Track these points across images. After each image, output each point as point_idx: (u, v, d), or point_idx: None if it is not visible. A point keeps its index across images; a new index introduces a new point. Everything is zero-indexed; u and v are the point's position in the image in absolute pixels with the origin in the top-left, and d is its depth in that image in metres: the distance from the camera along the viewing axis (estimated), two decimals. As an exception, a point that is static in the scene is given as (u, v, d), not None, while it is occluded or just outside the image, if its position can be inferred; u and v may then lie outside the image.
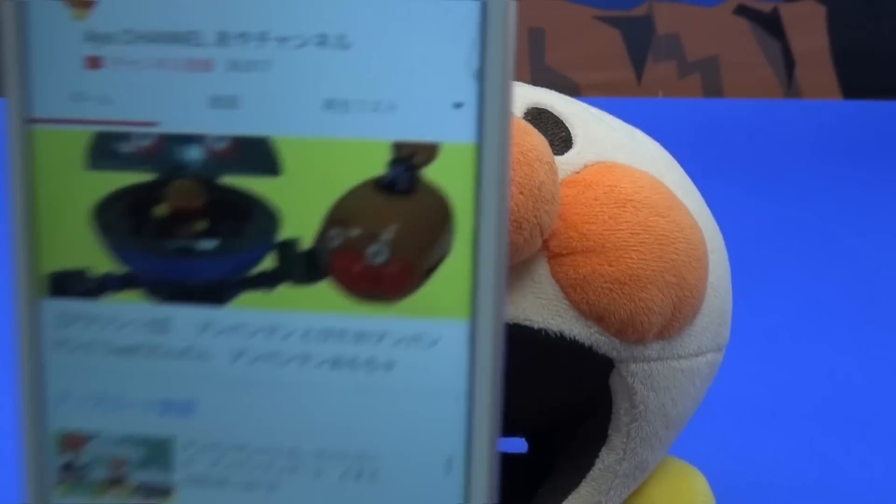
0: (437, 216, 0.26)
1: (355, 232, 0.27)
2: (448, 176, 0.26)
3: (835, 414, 0.54)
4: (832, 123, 0.99)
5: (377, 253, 0.27)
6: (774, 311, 0.65)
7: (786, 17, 1.06)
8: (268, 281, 0.27)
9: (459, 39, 0.27)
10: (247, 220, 0.28)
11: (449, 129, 0.26)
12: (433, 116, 0.26)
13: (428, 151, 0.26)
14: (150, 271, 0.28)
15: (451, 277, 0.26)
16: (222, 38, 0.28)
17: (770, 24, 1.05)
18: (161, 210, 0.28)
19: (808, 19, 1.06)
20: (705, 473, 0.39)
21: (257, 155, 0.28)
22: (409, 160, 0.26)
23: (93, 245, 0.29)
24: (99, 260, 0.28)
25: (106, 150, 0.28)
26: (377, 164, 0.26)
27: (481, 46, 0.26)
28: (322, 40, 0.28)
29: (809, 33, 1.06)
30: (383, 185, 0.26)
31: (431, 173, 0.26)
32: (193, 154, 0.28)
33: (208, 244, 0.28)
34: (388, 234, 0.27)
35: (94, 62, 0.28)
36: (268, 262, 0.27)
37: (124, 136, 0.28)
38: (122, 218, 0.29)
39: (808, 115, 0.99)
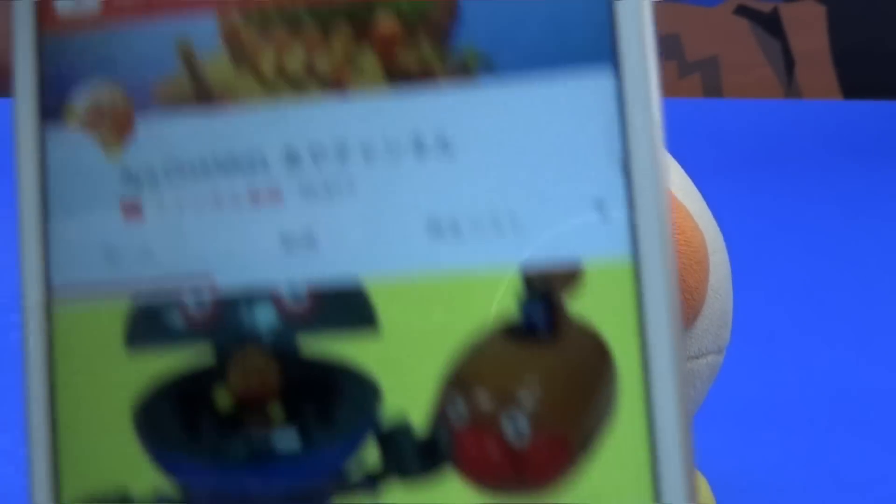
0: (593, 366, 0.21)
1: (484, 400, 0.21)
2: (600, 307, 0.21)
3: (836, 415, 0.54)
4: (832, 123, 0.99)
5: (516, 426, 0.21)
6: (775, 311, 0.65)
7: (786, 17, 1.06)
8: (369, 481, 0.22)
9: (595, 123, 0.22)
10: (337, 399, 0.23)
11: (593, 241, 0.21)
12: (571, 228, 0.22)
13: (569, 276, 0.21)
14: (212, 485, 0.23)
15: (620, 453, 0.21)
16: (291, 158, 0.24)
17: (770, 24, 1.05)
18: (223, 399, 0.23)
19: (808, 19, 1.07)
20: (705, 474, 0.40)
21: (346, 307, 0.23)
22: (547, 292, 0.21)
23: (134, 455, 0.24)
24: (142, 475, 0.23)
25: (149, 322, 0.24)
26: (504, 303, 0.22)
27: (623, 128, 0.22)
28: (419, 146, 0.23)
29: (809, 33, 1.06)
30: (516, 331, 0.21)
31: (578, 306, 0.21)
32: (262, 316, 0.23)
33: (287, 440, 0.23)
34: (529, 399, 0.21)
35: (132, 209, 0.24)
36: (368, 455, 0.22)
37: (172, 301, 0.24)
38: (171, 415, 0.24)
39: (808, 115, 1.00)
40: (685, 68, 1.01)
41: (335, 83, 0.24)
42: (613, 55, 0.22)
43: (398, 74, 0.23)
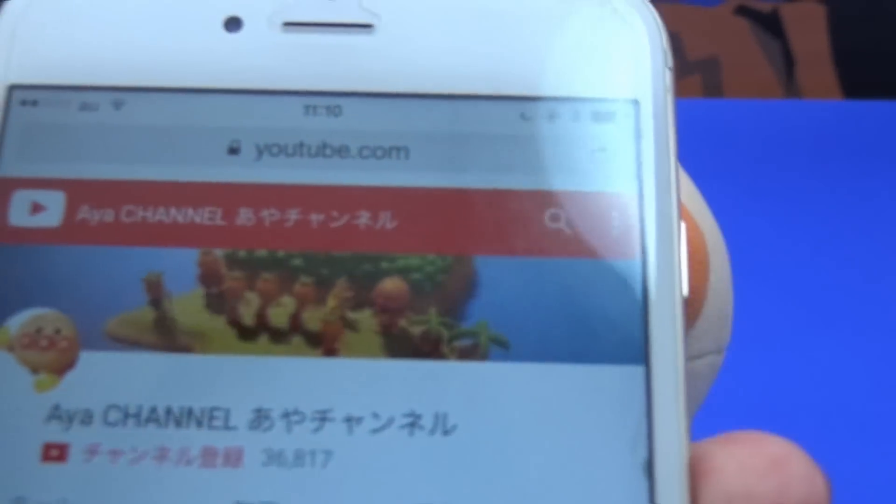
0: None
1: None
2: None
3: (837, 416, 0.55)
4: (832, 123, 0.99)
5: None
6: (775, 311, 0.66)
7: (786, 17, 1.07)
8: None
9: (618, 419, 0.22)
10: None
11: None
12: None
13: None
14: None
15: None
16: (260, 419, 0.22)
17: (770, 24, 1.06)
18: None
19: (808, 19, 1.07)
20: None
21: None
22: None
23: None
24: None
25: None
26: None
27: (650, 427, 0.22)
28: (413, 424, 0.22)
29: (809, 33, 1.07)
30: None
31: None
32: None
33: None
34: None
35: (54, 454, 0.21)
36: None
37: None
38: None
39: (808, 115, 1.00)
40: (685, 68, 1.02)
41: (324, 344, 0.22)
42: (645, 358, 0.21)
43: (398, 343, 0.22)
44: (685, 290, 0.22)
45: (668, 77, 0.23)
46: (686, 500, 0.20)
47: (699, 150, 0.80)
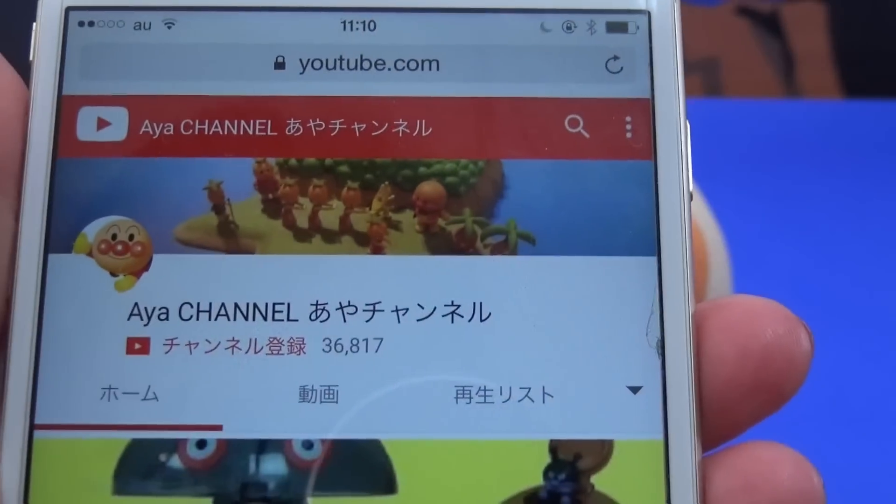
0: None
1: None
2: (626, 485, 0.22)
3: (838, 416, 0.56)
4: (832, 123, 1.01)
5: None
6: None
7: (786, 17, 1.08)
8: None
9: (634, 304, 0.24)
10: None
11: (624, 422, 0.23)
12: (602, 406, 0.23)
13: (597, 453, 0.22)
14: None
15: None
16: (318, 312, 0.24)
17: (770, 24, 1.07)
18: None
19: (808, 19, 1.09)
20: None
21: (363, 467, 0.23)
22: (573, 465, 0.22)
23: None
24: None
25: (142, 466, 0.23)
26: (529, 473, 0.22)
27: (661, 311, 0.24)
28: (453, 313, 0.24)
29: (809, 33, 1.08)
30: (540, 501, 0.22)
31: (602, 482, 0.22)
32: (270, 467, 0.23)
33: None
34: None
35: (138, 347, 0.24)
36: None
37: (170, 447, 0.23)
38: None
39: (808, 115, 1.02)
40: (685, 68, 1.03)
41: (371, 242, 0.25)
42: (657, 249, 0.24)
43: (437, 240, 0.25)
44: (691, 189, 0.25)
45: None
46: (692, 373, 0.23)
47: (699, 150, 0.81)
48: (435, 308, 0.24)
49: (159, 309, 0.24)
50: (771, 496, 0.22)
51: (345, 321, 0.24)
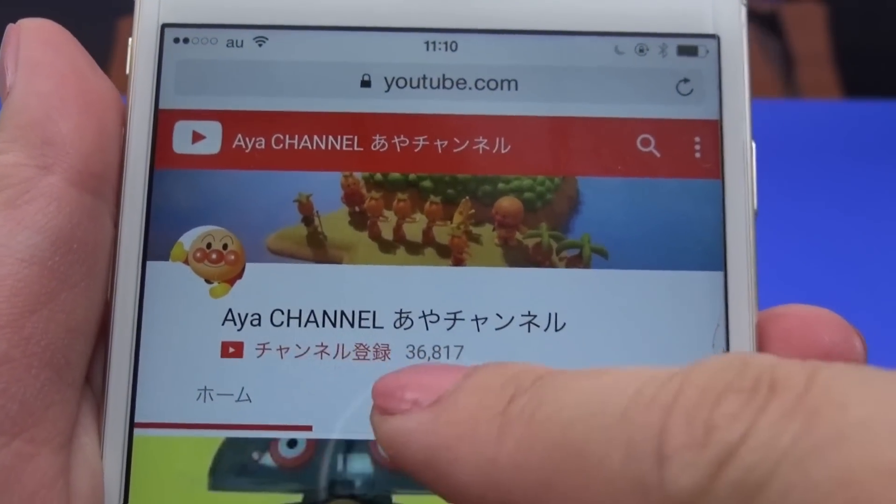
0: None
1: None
2: None
3: None
4: (832, 123, 1.02)
5: None
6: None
7: (786, 17, 1.10)
8: None
9: (700, 316, 0.26)
10: None
11: None
12: None
13: None
14: None
15: None
16: (402, 320, 0.26)
17: (770, 24, 1.09)
18: None
19: (808, 19, 1.10)
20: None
21: None
22: None
23: None
24: None
25: (236, 463, 0.25)
26: None
27: (727, 323, 0.26)
28: (529, 322, 0.26)
29: (809, 33, 1.10)
30: None
31: None
32: (358, 466, 0.25)
33: None
34: None
35: (232, 351, 0.25)
36: None
37: (262, 445, 0.25)
38: None
39: (808, 115, 1.03)
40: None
41: (453, 254, 0.26)
42: (723, 264, 0.26)
43: (515, 253, 0.26)
44: (755, 206, 0.27)
45: (744, 13, 0.28)
46: None
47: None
48: (512, 318, 0.26)
49: (252, 315, 0.26)
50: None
51: (427, 329, 0.26)
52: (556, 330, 0.26)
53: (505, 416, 0.19)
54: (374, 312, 0.26)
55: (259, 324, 0.25)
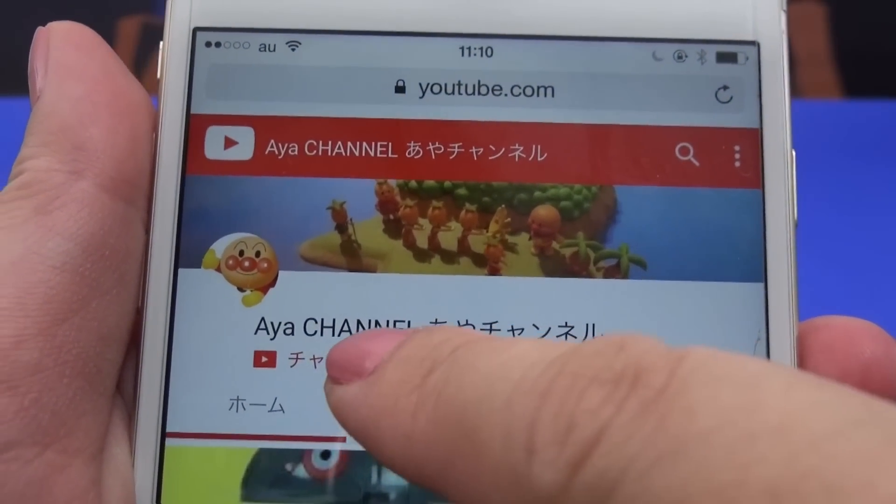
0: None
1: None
2: None
3: None
4: (832, 123, 1.03)
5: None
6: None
7: (786, 17, 1.09)
8: None
9: (741, 328, 0.26)
10: None
11: None
12: None
13: None
14: None
15: None
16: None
17: None
18: None
19: (808, 19, 1.10)
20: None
21: None
22: None
23: None
24: None
25: (269, 474, 0.25)
26: None
27: (767, 335, 0.25)
28: (566, 333, 0.26)
29: (809, 33, 1.10)
30: None
31: None
32: (391, 478, 0.25)
33: None
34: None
35: (265, 359, 0.25)
36: None
37: (295, 456, 0.25)
38: None
39: (808, 115, 1.03)
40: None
41: (488, 263, 0.26)
42: (764, 276, 0.26)
43: (552, 263, 0.26)
44: (796, 217, 0.26)
45: (783, 20, 0.28)
46: None
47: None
48: (549, 328, 0.26)
49: (285, 324, 0.25)
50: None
51: None
52: None
53: (420, 392, 0.19)
54: (409, 322, 0.25)
55: (292, 333, 0.25)
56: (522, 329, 0.25)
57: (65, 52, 0.26)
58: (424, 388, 0.19)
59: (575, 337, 0.25)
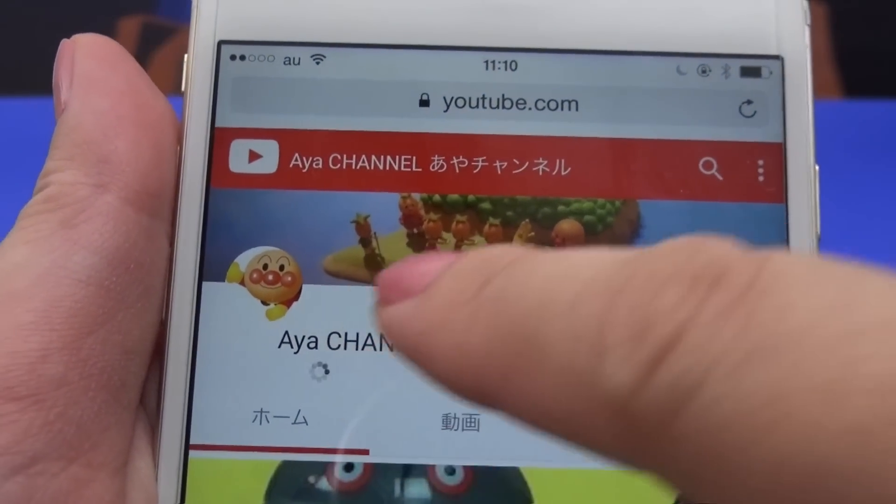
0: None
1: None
2: None
3: None
4: (832, 123, 1.03)
5: None
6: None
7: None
8: None
9: None
10: None
11: None
12: None
13: None
14: None
15: None
16: None
17: None
18: None
19: None
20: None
21: (503, 493, 0.24)
22: None
23: None
24: None
25: (292, 486, 0.25)
26: (661, 502, 0.23)
27: None
28: None
29: (810, 33, 1.09)
30: None
31: None
32: (415, 491, 0.25)
33: None
34: None
35: (289, 374, 0.25)
36: None
37: (319, 469, 0.25)
38: None
39: None
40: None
41: None
42: None
43: None
44: (819, 231, 0.26)
45: (807, 34, 0.28)
46: None
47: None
48: None
49: (309, 337, 0.26)
50: None
51: None
52: None
53: (476, 303, 0.18)
54: None
55: (316, 346, 0.25)
56: None
57: (89, 65, 0.26)
58: (479, 299, 0.18)
59: None
